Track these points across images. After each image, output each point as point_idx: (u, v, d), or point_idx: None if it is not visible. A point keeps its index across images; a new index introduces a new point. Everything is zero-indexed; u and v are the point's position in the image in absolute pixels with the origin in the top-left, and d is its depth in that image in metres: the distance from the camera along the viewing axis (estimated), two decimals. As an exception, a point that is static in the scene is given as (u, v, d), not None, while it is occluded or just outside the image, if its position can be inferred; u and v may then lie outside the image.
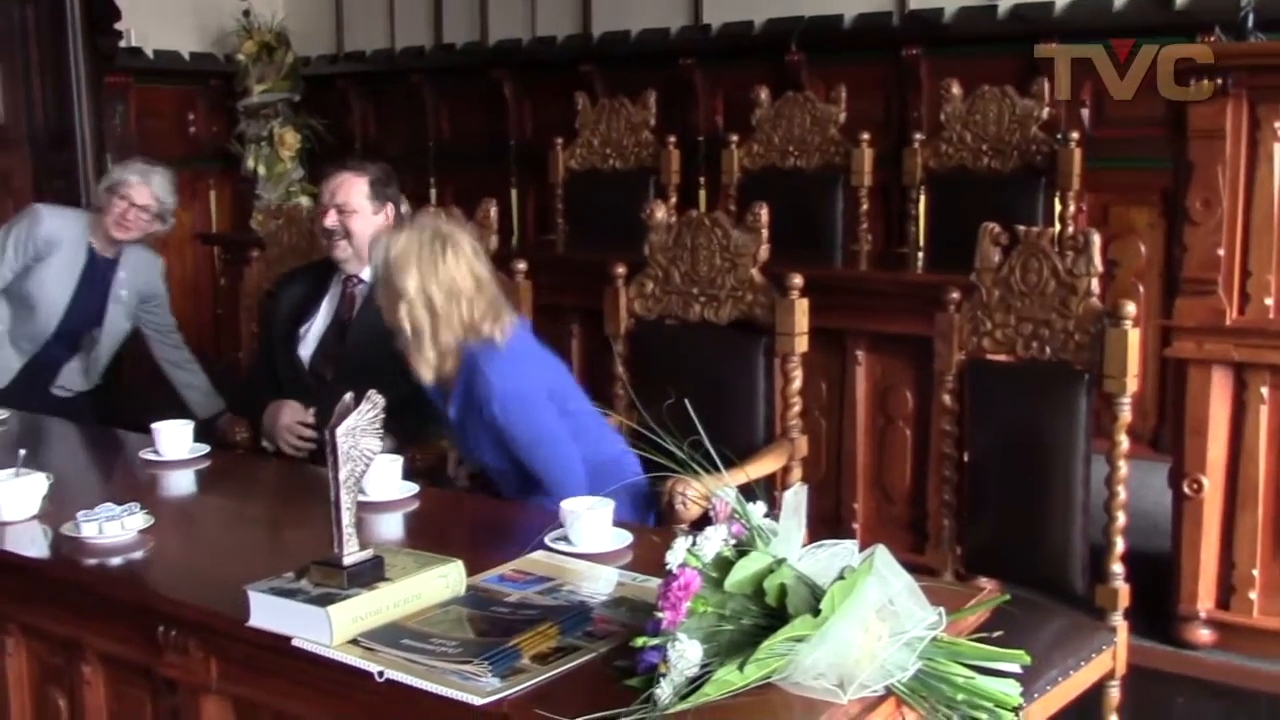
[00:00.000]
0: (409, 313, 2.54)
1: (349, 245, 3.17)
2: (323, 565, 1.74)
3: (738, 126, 4.85)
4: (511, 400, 2.56)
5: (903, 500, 3.59)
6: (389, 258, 2.56)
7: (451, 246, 2.57)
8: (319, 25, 6.43)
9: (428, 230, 2.58)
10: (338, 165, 3.27)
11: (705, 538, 1.49)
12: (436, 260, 2.55)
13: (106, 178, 3.95)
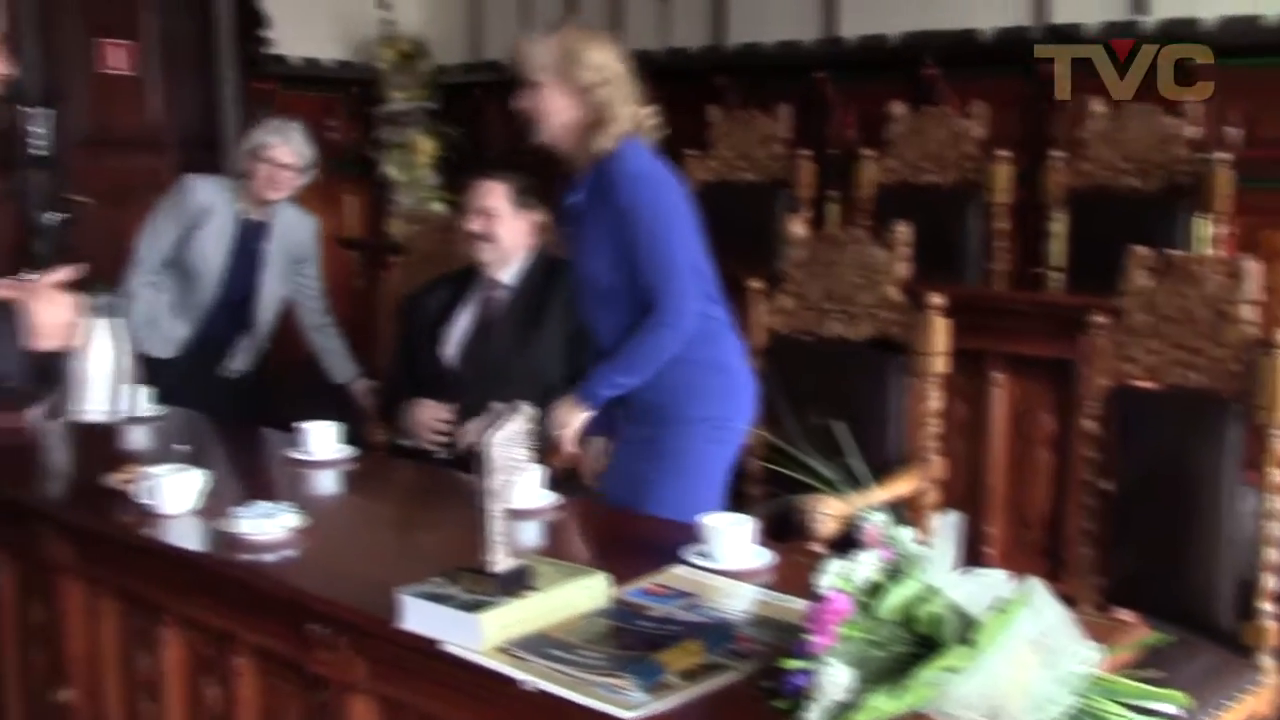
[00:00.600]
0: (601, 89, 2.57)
1: (492, 249, 3.25)
2: (473, 572, 1.77)
3: (871, 140, 4.82)
4: (644, 183, 2.57)
5: (1040, 526, 3.53)
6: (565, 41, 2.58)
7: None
8: (456, 34, 6.55)
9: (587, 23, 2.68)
10: (482, 172, 3.35)
11: (857, 562, 1.49)
12: (613, 41, 2.65)
13: (246, 141, 3.93)
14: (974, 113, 4.49)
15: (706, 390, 2.70)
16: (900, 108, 4.64)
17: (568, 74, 2.58)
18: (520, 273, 3.30)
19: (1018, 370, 3.56)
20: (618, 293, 2.65)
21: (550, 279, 3.27)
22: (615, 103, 2.60)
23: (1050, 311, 3.51)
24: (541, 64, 2.61)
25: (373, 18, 6.21)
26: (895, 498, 2.76)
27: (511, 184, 3.30)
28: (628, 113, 2.61)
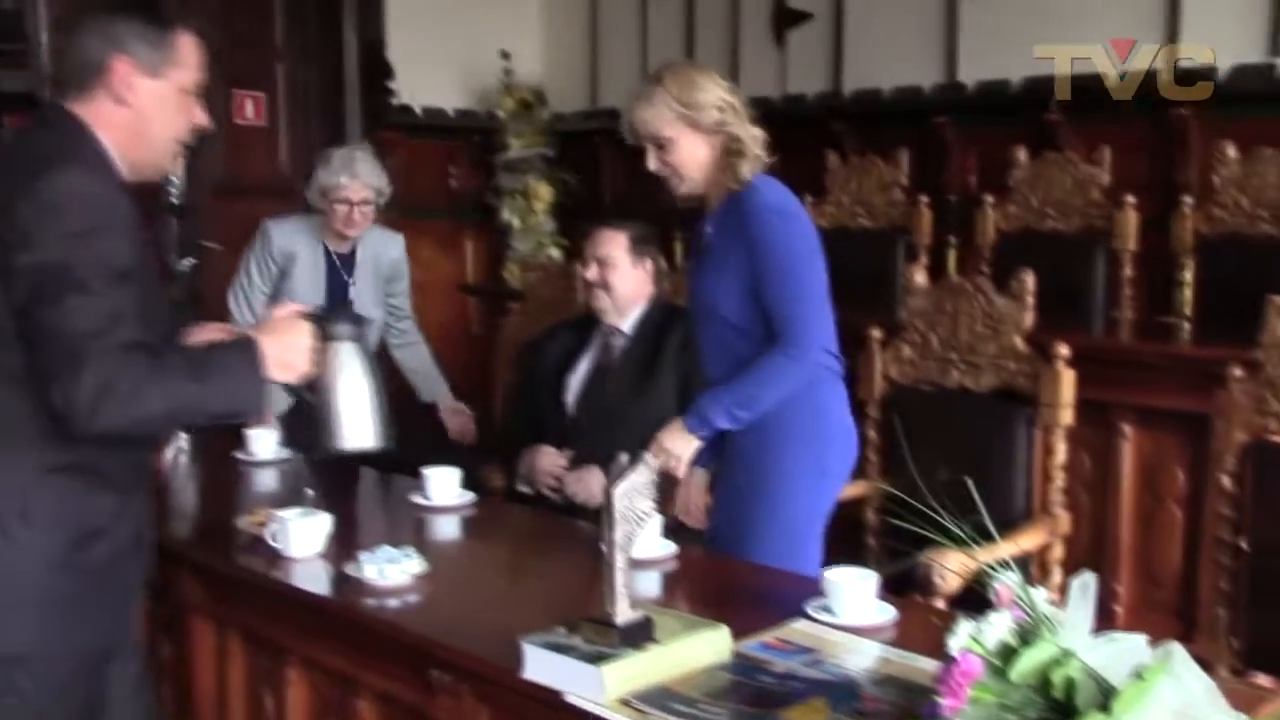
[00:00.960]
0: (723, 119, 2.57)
1: (608, 297, 3.28)
2: (595, 623, 1.77)
3: (992, 186, 4.76)
4: (779, 216, 2.56)
5: (1171, 585, 3.41)
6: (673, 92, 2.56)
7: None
8: (575, 83, 6.65)
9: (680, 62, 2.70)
10: (600, 221, 3.38)
11: (989, 623, 1.45)
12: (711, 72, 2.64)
13: (314, 181, 3.82)
14: (1099, 158, 4.40)
15: (806, 437, 2.65)
16: (1022, 153, 4.58)
17: (693, 120, 2.59)
18: (637, 321, 3.32)
19: (1148, 423, 3.45)
20: (737, 326, 2.63)
21: (666, 327, 3.29)
22: (740, 129, 2.60)
23: (1185, 364, 3.40)
24: (664, 120, 2.61)
25: (494, 68, 6.33)
26: (1020, 553, 2.70)
27: (629, 233, 3.32)
28: (751, 134, 2.61)
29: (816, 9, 5.67)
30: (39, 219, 1.82)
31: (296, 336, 2.01)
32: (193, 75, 2.02)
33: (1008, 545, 2.48)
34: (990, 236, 4.61)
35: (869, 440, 3.11)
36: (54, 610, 1.92)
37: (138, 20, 1.98)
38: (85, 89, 1.96)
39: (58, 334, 1.79)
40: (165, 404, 1.83)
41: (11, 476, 1.89)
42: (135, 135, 1.97)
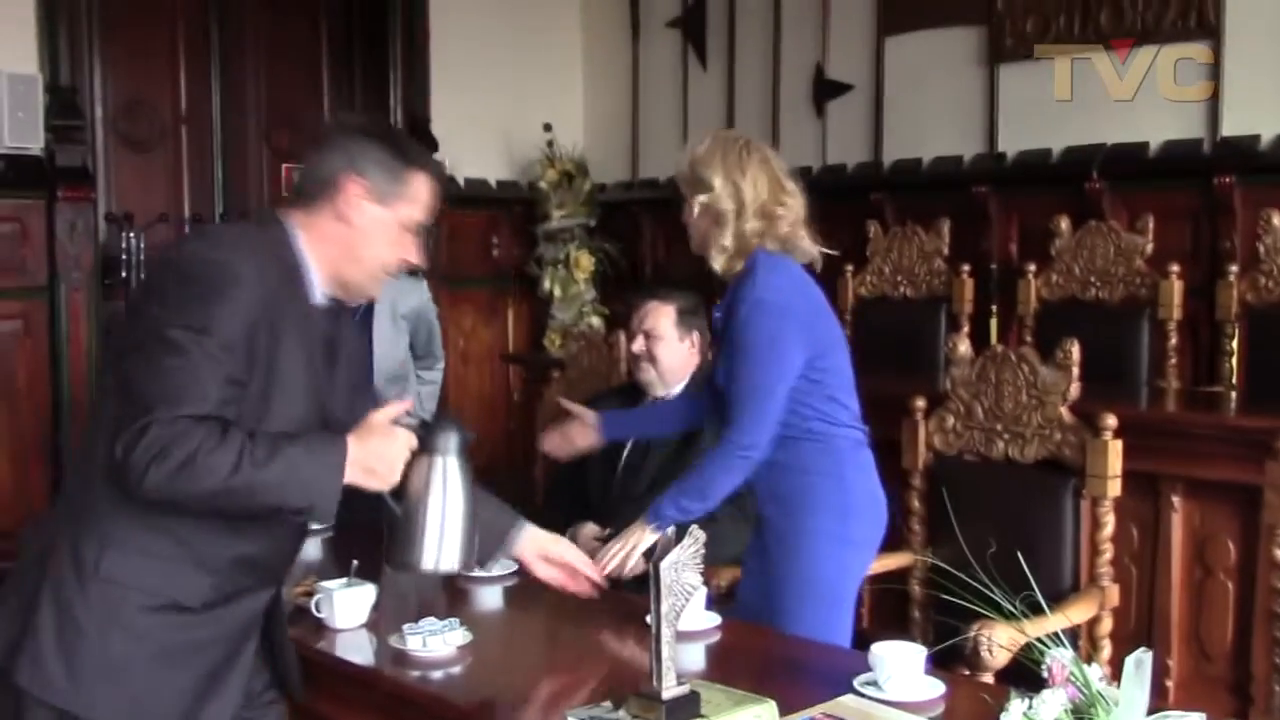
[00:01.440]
0: (712, 201, 2.60)
1: (653, 369, 3.29)
2: (642, 697, 1.76)
3: (1034, 255, 4.75)
4: (763, 309, 2.55)
5: (1223, 660, 3.35)
6: (695, 154, 2.64)
7: (757, 151, 2.66)
8: (616, 154, 6.72)
9: (735, 135, 2.71)
10: (648, 293, 3.39)
11: (1042, 701, 1.43)
12: (741, 156, 2.63)
13: None
14: (1142, 227, 4.39)
15: (830, 506, 2.65)
16: (1064, 222, 4.58)
17: (694, 187, 2.64)
18: (682, 393, 3.32)
19: (1197, 494, 3.40)
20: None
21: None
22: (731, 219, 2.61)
23: (1234, 434, 3.35)
24: (682, 176, 2.68)
25: (536, 139, 6.42)
26: (1069, 626, 2.66)
27: (677, 305, 3.33)
28: (747, 228, 2.61)
29: (856, 80, 5.73)
30: (162, 275, 1.89)
31: (388, 444, 1.92)
32: (418, 213, 2.01)
33: (1057, 619, 2.44)
34: (1032, 305, 4.60)
35: (912, 511, 3.10)
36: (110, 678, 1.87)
37: (383, 147, 1.98)
38: (313, 200, 1.97)
39: (138, 389, 1.80)
40: (214, 483, 1.77)
41: (94, 530, 1.87)
42: (348, 254, 1.97)
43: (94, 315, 5.24)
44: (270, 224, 1.99)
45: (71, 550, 1.87)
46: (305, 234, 1.97)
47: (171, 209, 5.77)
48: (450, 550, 1.94)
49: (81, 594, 1.86)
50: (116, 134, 5.66)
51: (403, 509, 1.94)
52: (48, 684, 1.85)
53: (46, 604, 1.87)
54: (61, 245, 5.14)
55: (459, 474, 1.95)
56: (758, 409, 2.57)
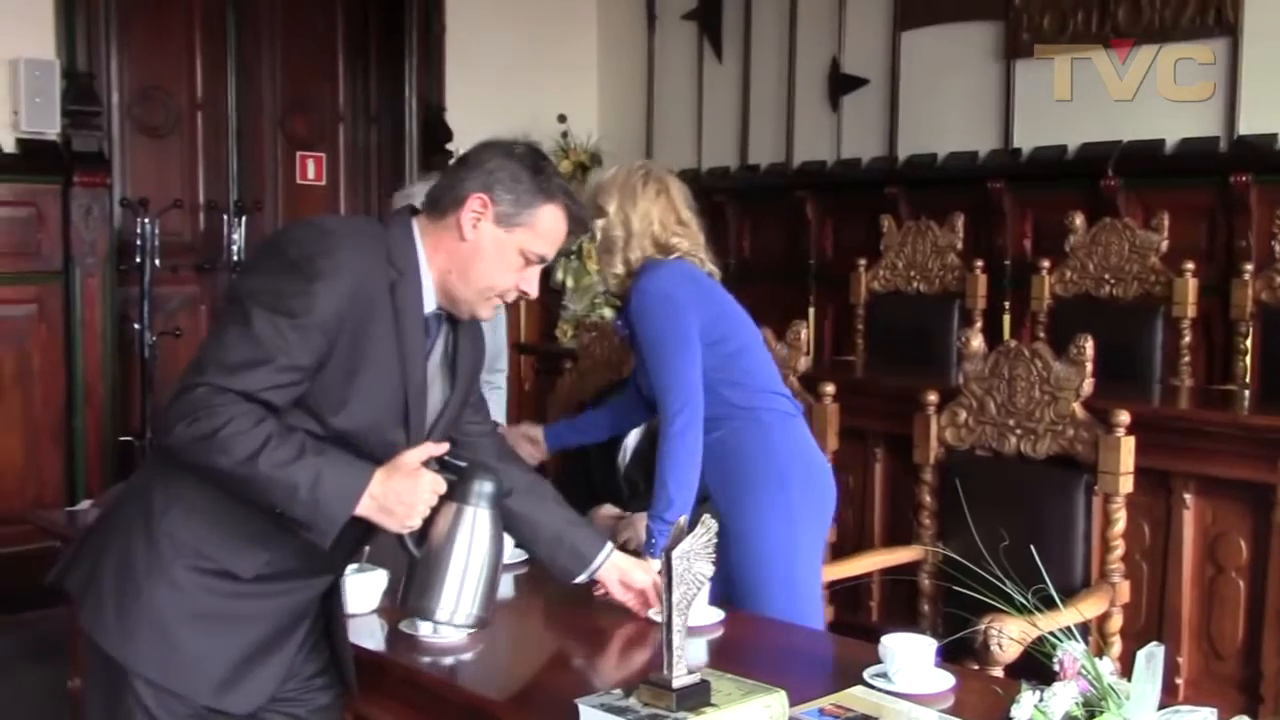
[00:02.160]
0: (605, 228, 2.73)
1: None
2: (652, 686, 1.77)
3: (1048, 251, 4.75)
4: (650, 297, 2.67)
5: (1234, 657, 3.34)
6: (599, 181, 2.82)
7: (655, 183, 2.77)
8: (630, 146, 6.71)
9: (642, 166, 2.82)
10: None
11: (1053, 694, 1.44)
12: (637, 188, 2.74)
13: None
14: (1157, 224, 4.38)
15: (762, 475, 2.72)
16: (1079, 219, 4.57)
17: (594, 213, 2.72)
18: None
19: (1209, 492, 3.40)
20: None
21: None
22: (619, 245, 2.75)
23: (1248, 432, 3.34)
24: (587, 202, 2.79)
25: (551, 130, 6.41)
26: (1079, 621, 2.65)
27: None
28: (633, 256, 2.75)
29: (872, 74, 5.72)
30: (263, 250, 1.95)
31: (411, 487, 1.87)
32: (540, 245, 1.99)
33: (1068, 614, 2.44)
34: (1046, 302, 4.59)
35: (924, 505, 3.10)
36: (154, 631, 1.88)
37: (522, 171, 1.96)
38: (442, 210, 1.97)
39: (205, 350, 1.84)
40: (226, 463, 1.78)
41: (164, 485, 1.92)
42: (460, 268, 1.96)
43: (109, 300, 5.26)
44: (397, 225, 1.98)
45: (144, 500, 1.92)
46: (425, 241, 1.97)
47: (186, 195, 5.78)
48: (466, 604, 1.88)
49: (144, 542, 1.90)
50: (132, 120, 5.67)
51: (422, 553, 1.89)
52: (102, 628, 1.90)
53: (113, 548, 1.92)
54: (77, 230, 5.15)
55: (487, 526, 1.89)
56: (675, 385, 2.64)
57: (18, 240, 5.09)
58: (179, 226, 5.73)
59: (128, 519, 1.93)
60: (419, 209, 2.02)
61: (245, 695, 1.95)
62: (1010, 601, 1.75)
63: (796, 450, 2.78)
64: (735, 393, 2.74)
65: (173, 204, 5.58)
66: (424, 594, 1.88)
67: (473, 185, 1.95)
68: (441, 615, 1.88)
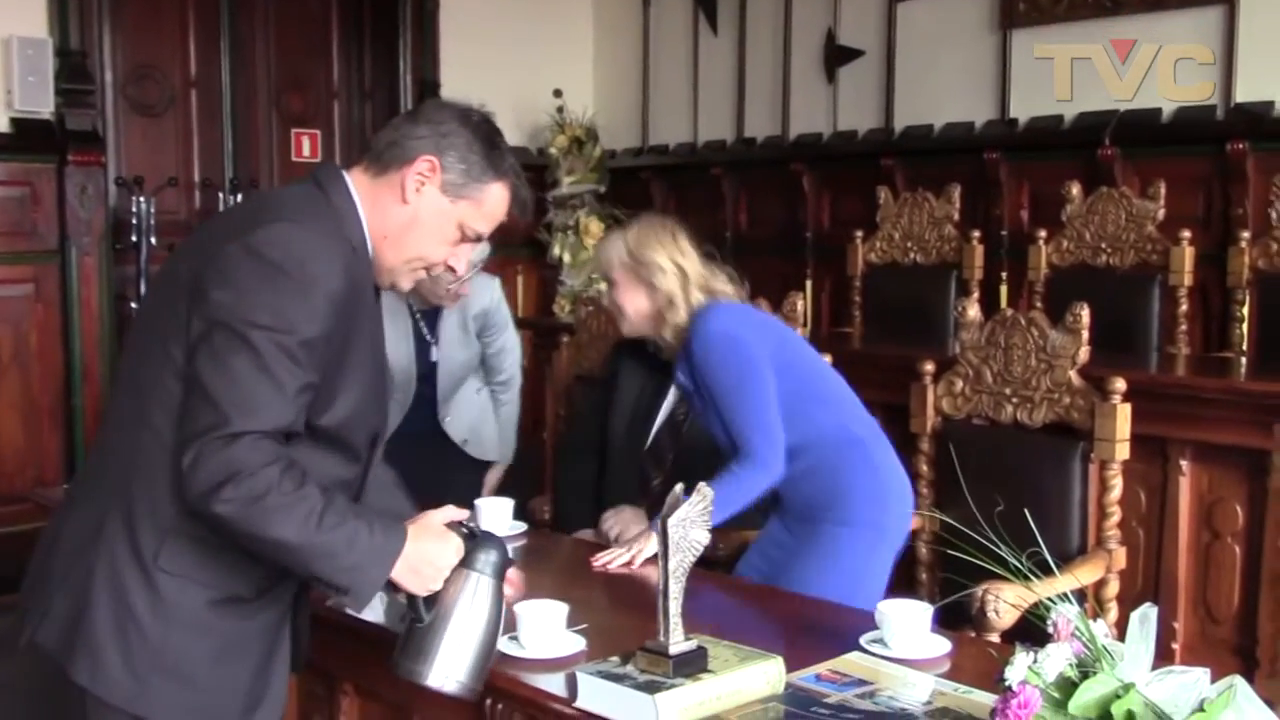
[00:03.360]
0: (663, 282, 2.72)
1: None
2: (649, 652, 1.78)
3: (1045, 221, 4.75)
4: (715, 339, 2.67)
5: (1230, 623, 3.36)
6: (629, 243, 2.77)
7: (678, 229, 2.81)
8: (626, 120, 6.71)
9: (658, 219, 2.86)
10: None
11: (1047, 655, 1.44)
12: (675, 235, 2.77)
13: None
14: (1154, 193, 4.38)
15: (865, 495, 2.73)
16: (1076, 188, 4.56)
17: (636, 271, 2.77)
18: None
19: (1205, 458, 3.41)
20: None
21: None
22: (681, 295, 2.75)
23: (1244, 398, 3.36)
24: (613, 263, 2.80)
25: (546, 105, 6.40)
26: (1076, 588, 2.66)
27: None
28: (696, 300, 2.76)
29: (868, 46, 5.70)
30: (238, 259, 1.72)
31: (441, 550, 1.81)
32: (481, 222, 1.89)
33: (1064, 580, 2.45)
34: (1043, 271, 4.59)
35: (920, 474, 3.10)
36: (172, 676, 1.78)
37: (475, 142, 1.86)
38: (384, 166, 1.86)
39: (213, 391, 1.67)
40: (278, 533, 1.67)
41: (152, 517, 1.77)
42: (395, 233, 1.86)
43: (105, 279, 5.26)
44: (336, 191, 1.85)
45: (128, 537, 1.77)
46: (361, 197, 1.85)
47: (181, 173, 5.77)
48: (457, 670, 1.81)
49: (142, 586, 1.76)
50: (126, 98, 5.65)
51: (420, 616, 1.82)
52: (107, 683, 1.76)
53: (99, 598, 1.76)
54: (72, 209, 5.15)
55: (490, 596, 1.84)
56: (762, 430, 2.64)
57: (13, 220, 5.09)
58: (174, 205, 5.72)
59: (109, 562, 1.77)
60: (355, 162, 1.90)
61: (268, 712, 1.89)
62: (1007, 568, 1.76)
63: (893, 467, 2.80)
64: (823, 411, 2.75)
65: (168, 182, 5.58)
66: (419, 657, 1.81)
67: (423, 146, 1.84)
68: (433, 681, 1.81)
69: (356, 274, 1.81)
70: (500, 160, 1.89)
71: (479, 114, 1.92)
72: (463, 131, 1.86)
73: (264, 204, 1.93)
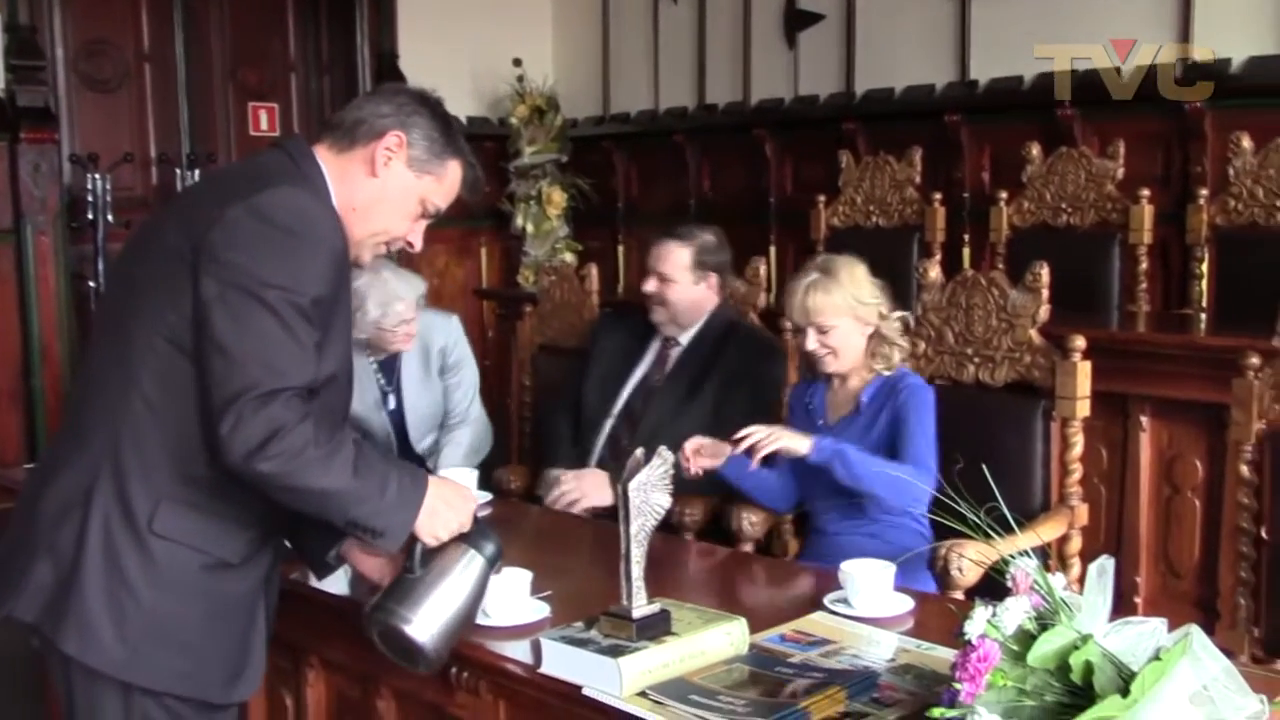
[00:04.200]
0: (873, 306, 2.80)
1: (665, 312, 3.24)
2: (612, 617, 1.78)
3: (1006, 183, 4.75)
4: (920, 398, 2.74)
5: (1190, 576, 3.40)
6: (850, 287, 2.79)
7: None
8: (586, 88, 6.67)
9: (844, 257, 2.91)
10: (666, 233, 3.31)
11: (1005, 608, 1.45)
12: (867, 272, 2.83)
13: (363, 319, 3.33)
14: (1113, 152, 4.39)
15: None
16: (1036, 149, 4.57)
17: (857, 312, 2.80)
18: (695, 335, 3.24)
19: (1165, 414, 3.44)
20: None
21: (722, 345, 3.20)
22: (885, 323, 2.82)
23: (1202, 354, 3.38)
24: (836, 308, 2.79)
25: (506, 75, 6.36)
26: (1039, 544, 2.68)
27: (693, 247, 3.23)
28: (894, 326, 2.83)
29: (827, 10, 5.68)
30: (249, 221, 1.77)
31: (463, 498, 1.90)
32: (440, 198, 1.97)
33: (1027, 537, 2.46)
34: (1004, 233, 4.60)
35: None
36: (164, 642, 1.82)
37: (434, 122, 1.94)
38: (349, 142, 1.91)
39: (235, 354, 1.72)
40: (321, 483, 1.72)
41: (145, 482, 1.80)
42: (363, 206, 1.92)
43: (62, 258, 5.19)
44: (306, 162, 1.91)
45: (120, 502, 1.79)
46: (330, 172, 1.91)
47: (137, 149, 5.70)
48: (436, 633, 1.82)
49: (136, 551, 1.79)
50: (78, 73, 5.58)
51: (420, 575, 1.84)
52: (98, 650, 1.79)
53: (93, 560, 1.78)
54: (25, 187, 5.08)
55: (479, 575, 1.87)
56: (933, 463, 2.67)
57: (-34, 200, 5.02)
58: (131, 181, 5.66)
59: (101, 526, 1.79)
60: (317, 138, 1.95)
61: (250, 680, 1.93)
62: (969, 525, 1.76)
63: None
64: None
65: (123, 158, 5.51)
66: (408, 605, 1.83)
67: (391, 123, 1.91)
68: (412, 630, 1.82)
69: (345, 239, 1.88)
70: (456, 140, 1.98)
71: (434, 97, 2.00)
72: (424, 110, 1.95)
73: (252, 170, 1.96)
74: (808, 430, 2.76)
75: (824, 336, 2.79)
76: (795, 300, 2.79)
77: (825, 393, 2.88)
